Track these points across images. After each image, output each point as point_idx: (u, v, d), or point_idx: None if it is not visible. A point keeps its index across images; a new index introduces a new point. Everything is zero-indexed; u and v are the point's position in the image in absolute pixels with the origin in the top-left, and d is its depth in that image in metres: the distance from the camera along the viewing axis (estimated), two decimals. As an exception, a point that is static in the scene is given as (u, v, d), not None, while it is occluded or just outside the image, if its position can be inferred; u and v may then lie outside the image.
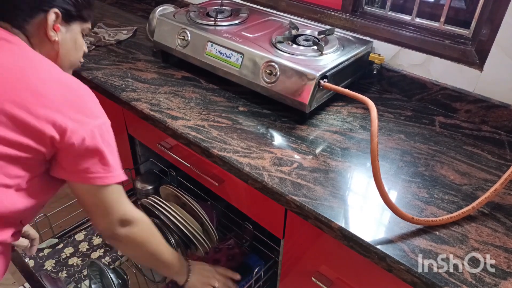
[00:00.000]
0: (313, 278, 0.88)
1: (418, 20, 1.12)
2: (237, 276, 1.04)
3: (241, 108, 1.07)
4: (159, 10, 1.34)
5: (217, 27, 1.19)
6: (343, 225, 0.72)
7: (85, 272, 1.12)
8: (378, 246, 0.69)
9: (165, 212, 1.04)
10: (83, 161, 0.71)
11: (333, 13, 1.25)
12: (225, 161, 0.88)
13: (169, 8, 1.37)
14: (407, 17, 1.14)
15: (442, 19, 1.07)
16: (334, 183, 0.82)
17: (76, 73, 1.24)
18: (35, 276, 0.87)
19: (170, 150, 1.10)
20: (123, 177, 0.76)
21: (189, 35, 1.18)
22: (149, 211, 1.10)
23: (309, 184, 0.81)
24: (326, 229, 0.75)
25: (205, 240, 1.05)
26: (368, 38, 1.17)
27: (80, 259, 1.17)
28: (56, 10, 0.76)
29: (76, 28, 0.82)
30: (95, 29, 1.49)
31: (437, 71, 1.08)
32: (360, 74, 1.17)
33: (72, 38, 0.82)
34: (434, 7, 1.15)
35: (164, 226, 1.05)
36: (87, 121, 0.71)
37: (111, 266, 1.11)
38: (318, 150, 0.92)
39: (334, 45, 1.09)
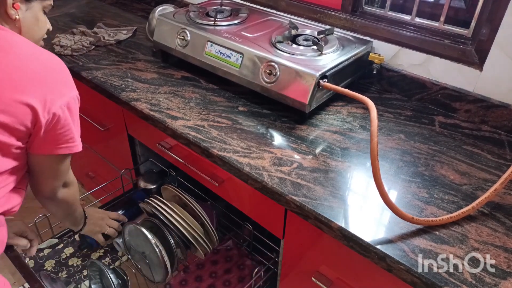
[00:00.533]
0: (313, 278, 0.88)
1: (418, 20, 1.12)
2: (124, 218, 1.16)
3: (241, 108, 1.07)
4: (159, 10, 1.34)
5: (216, 27, 1.19)
6: (343, 225, 0.72)
7: (85, 272, 1.12)
8: (378, 246, 0.69)
9: (165, 213, 1.04)
10: (53, 135, 0.76)
11: (332, 13, 1.25)
12: (225, 161, 0.88)
13: (169, 8, 1.36)
14: (407, 17, 1.14)
15: (442, 18, 1.07)
16: (334, 183, 0.82)
17: (76, 73, 1.24)
18: (35, 276, 0.87)
19: (170, 150, 1.10)
20: (81, 146, 0.84)
21: (188, 35, 1.18)
22: (150, 211, 1.10)
23: (309, 184, 0.81)
24: (326, 229, 0.75)
25: (206, 242, 1.05)
26: (368, 38, 1.17)
27: (80, 259, 1.17)
28: None
29: (37, 5, 0.82)
30: (95, 29, 1.49)
31: (437, 71, 1.08)
32: (360, 74, 1.17)
33: (34, 16, 0.82)
34: (433, 7, 1.15)
35: (164, 226, 1.05)
36: (62, 95, 0.75)
37: (111, 267, 1.10)
38: (318, 150, 0.92)
39: (333, 45, 1.09)
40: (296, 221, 0.86)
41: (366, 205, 0.78)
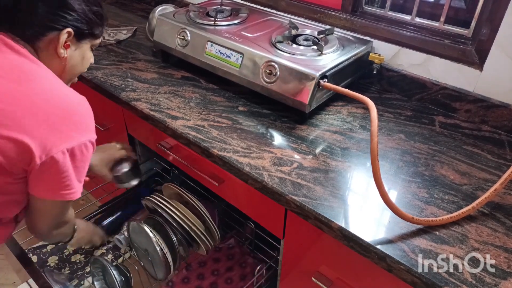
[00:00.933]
0: (313, 278, 0.88)
1: (418, 19, 1.12)
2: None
3: (241, 108, 1.07)
4: (159, 10, 1.34)
5: (216, 27, 1.19)
6: (343, 225, 0.72)
7: (88, 269, 1.13)
8: (378, 246, 0.69)
9: (168, 210, 1.05)
10: (48, 178, 0.71)
11: (333, 13, 1.25)
12: (225, 161, 0.88)
13: (169, 8, 1.36)
14: (407, 17, 1.14)
15: (442, 18, 1.07)
16: (334, 183, 0.82)
17: (76, 73, 1.24)
18: (39, 272, 0.87)
19: (170, 150, 1.10)
20: (79, 193, 0.78)
21: (188, 35, 1.18)
22: (152, 209, 1.11)
23: (309, 184, 0.81)
24: (326, 229, 0.75)
25: (208, 239, 1.06)
26: (368, 38, 1.17)
27: (83, 256, 1.18)
28: (70, 29, 0.75)
29: (86, 44, 0.82)
30: None
31: (437, 71, 1.08)
32: (360, 74, 1.16)
33: (81, 54, 0.82)
34: (434, 7, 1.15)
35: (166, 224, 1.05)
36: (68, 138, 0.70)
37: (114, 263, 1.11)
38: (318, 150, 0.92)
39: (334, 45, 1.09)
40: (296, 221, 0.86)
41: (366, 205, 0.78)
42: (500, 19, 0.94)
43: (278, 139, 0.96)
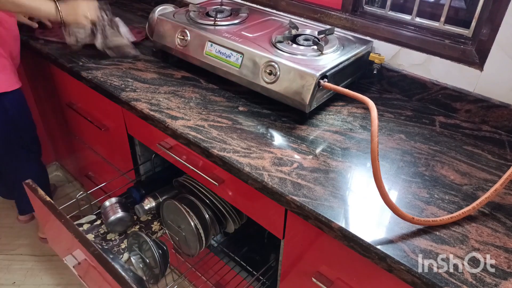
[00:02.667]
0: (313, 278, 0.88)
1: (418, 19, 1.12)
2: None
3: (241, 108, 1.07)
4: (159, 10, 1.34)
5: (216, 27, 1.19)
6: (343, 225, 0.72)
7: (122, 245, 1.20)
8: (378, 246, 0.68)
9: (199, 188, 1.12)
10: None
11: (333, 12, 1.25)
12: (225, 161, 0.88)
13: (169, 8, 1.36)
14: (407, 17, 1.14)
15: (442, 18, 1.07)
16: (334, 183, 0.82)
17: (76, 73, 1.24)
18: (89, 240, 0.90)
19: (170, 150, 1.10)
20: None
21: (188, 34, 1.17)
22: (182, 188, 1.20)
23: (309, 184, 0.81)
24: (326, 229, 0.75)
25: (236, 216, 1.12)
26: (368, 38, 1.17)
27: (117, 234, 1.24)
28: None
29: None
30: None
31: (437, 71, 1.08)
32: (360, 74, 1.16)
33: None
34: (434, 7, 1.15)
35: (199, 201, 1.14)
36: None
37: (152, 238, 1.17)
38: (318, 150, 0.92)
39: (334, 44, 1.09)
40: (296, 221, 0.85)
41: (367, 205, 0.78)
42: (500, 19, 0.93)
43: (278, 139, 0.95)
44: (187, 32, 1.18)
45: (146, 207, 1.26)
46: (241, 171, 0.86)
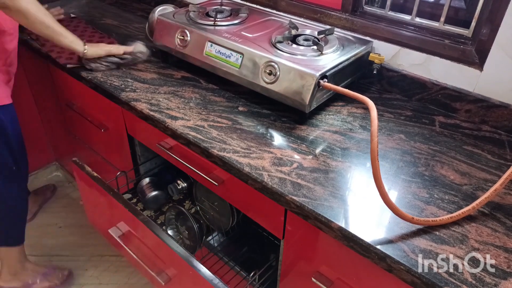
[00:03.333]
0: (313, 278, 0.88)
1: (418, 20, 1.12)
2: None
3: (241, 108, 1.07)
4: (159, 10, 1.34)
5: (216, 27, 1.19)
6: (343, 225, 0.72)
7: (158, 221, 1.32)
8: (378, 246, 0.68)
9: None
10: None
11: (333, 13, 1.25)
12: (225, 161, 0.88)
13: (169, 8, 1.36)
14: (407, 17, 1.14)
15: (442, 19, 1.07)
16: (334, 183, 0.82)
17: (76, 73, 1.24)
18: (137, 210, 0.98)
19: (169, 150, 1.10)
20: None
21: (188, 35, 1.17)
22: None
23: (309, 184, 0.81)
24: (326, 229, 0.75)
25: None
26: (368, 38, 1.17)
27: (152, 212, 1.35)
28: None
29: None
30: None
31: (437, 71, 1.08)
32: (360, 74, 1.16)
33: None
34: (434, 7, 1.15)
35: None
36: None
37: (191, 211, 1.27)
38: (318, 150, 0.92)
39: (334, 45, 1.09)
40: (296, 221, 0.85)
41: (366, 205, 0.78)
42: (500, 19, 0.93)
43: (278, 139, 0.95)
44: (187, 32, 1.18)
45: (179, 187, 1.33)
46: (241, 171, 0.86)
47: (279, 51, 1.05)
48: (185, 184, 1.35)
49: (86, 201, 1.26)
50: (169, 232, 1.29)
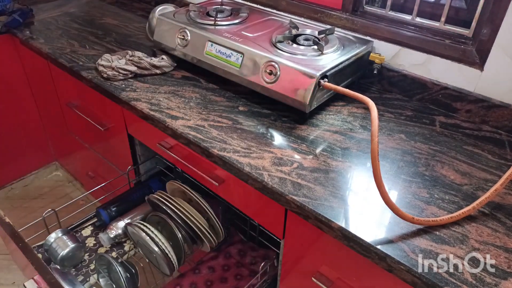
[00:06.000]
0: (313, 278, 0.88)
1: (418, 19, 1.12)
2: None
3: (241, 108, 1.07)
4: (159, 9, 1.34)
5: (217, 27, 1.19)
6: (343, 225, 0.72)
7: (92, 266, 1.13)
8: (378, 246, 0.68)
9: (172, 207, 1.06)
10: None
11: (333, 12, 1.25)
12: (225, 161, 0.88)
13: (169, 8, 1.36)
14: (407, 17, 1.14)
15: (443, 18, 1.07)
16: (334, 183, 0.82)
17: (76, 72, 1.24)
18: (47, 268, 0.86)
19: (170, 150, 1.10)
20: None
21: (189, 34, 1.17)
22: (156, 206, 1.12)
23: (309, 184, 0.81)
24: (326, 229, 0.75)
25: (211, 235, 1.07)
26: (368, 38, 1.17)
27: (87, 254, 1.18)
28: None
29: None
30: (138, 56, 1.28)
31: (437, 71, 1.08)
32: (361, 74, 1.16)
33: None
34: (434, 7, 1.15)
35: (171, 221, 1.07)
36: None
37: (119, 260, 1.12)
38: (318, 150, 0.92)
39: (334, 44, 1.09)
40: (296, 221, 0.85)
41: (367, 205, 0.78)
42: (500, 19, 0.93)
43: (278, 139, 0.95)
44: (187, 32, 1.18)
45: (112, 235, 1.16)
46: (241, 171, 0.86)
47: (279, 51, 1.05)
48: (120, 231, 1.16)
49: (6, 244, 1.07)
50: (101, 281, 1.12)
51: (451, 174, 0.86)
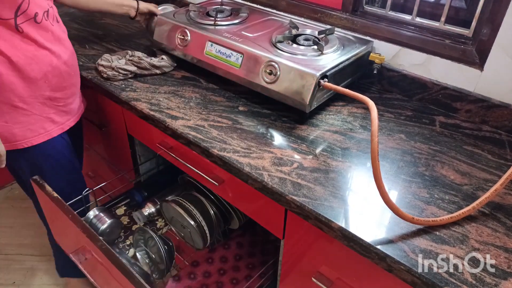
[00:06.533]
0: (313, 278, 0.88)
1: (418, 19, 1.12)
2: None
3: (241, 108, 1.07)
4: (159, 9, 1.34)
5: (217, 27, 1.19)
6: (343, 225, 0.72)
7: (128, 242, 1.21)
8: (378, 246, 0.68)
9: (202, 188, 1.16)
10: None
11: (333, 12, 1.25)
12: (225, 161, 0.88)
13: (169, 8, 1.36)
14: (407, 17, 1.14)
15: (443, 18, 1.07)
16: (334, 183, 0.82)
17: (76, 73, 1.23)
18: (97, 235, 0.90)
19: (170, 150, 1.10)
20: None
21: (189, 34, 1.17)
22: (188, 186, 1.22)
23: (309, 184, 0.81)
24: (326, 229, 0.75)
25: (241, 212, 1.14)
26: (368, 38, 1.17)
27: (122, 231, 1.24)
28: None
29: None
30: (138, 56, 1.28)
31: (437, 71, 1.08)
32: (361, 74, 1.16)
33: None
34: (434, 7, 1.15)
35: (204, 198, 1.17)
36: None
37: (158, 233, 1.18)
38: (318, 150, 0.92)
39: (334, 44, 1.09)
40: (296, 221, 0.85)
41: (367, 205, 0.78)
42: (500, 19, 0.93)
43: (278, 139, 0.95)
44: (187, 32, 1.18)
45: (146, 213, 1.24)
46: (241, 171, 0.86)
47: (279, 51, 1.05)
48: (153, 210, 1.26)
49: (49, 220, 1.16)
50: (138, 255, 1.19)
51: (451, 174, 0.86)
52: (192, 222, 1.13)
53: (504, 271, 0.65)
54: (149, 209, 1.26)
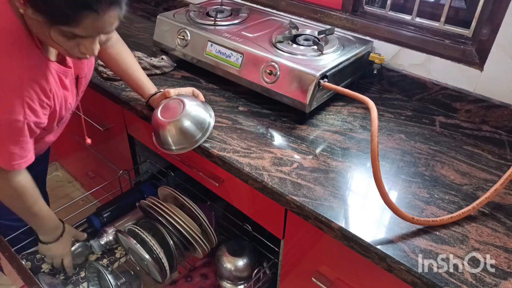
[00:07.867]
0: (313, 279, 0.88)
1: (418, 19, 1.12)
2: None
3: (241, 108, 1.07)
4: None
5: (217, 27, 1.19)
6: (343, 225, 0.72)
7: (82, 274, 1.11)
8: (378, 246, 0.68)
9: (163, 213, 1.04)
10: None
11: (333, 12, 1.25)
12: (225, 161, 0.88)
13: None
14: (407, 17, 1.14)
15: (443, 19, 1.07)
16: (334, 183, 0.82)
17: (76, 73, 1.23)
18: (33, 278, 0.86)
19: (170, 150, 1.09)
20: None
21: (189, 34, 1.17)
22: (148, 212, 1.10)
23: (309, 184, 0.81)
24: (326, 229, 0.75)
25: (204, 242, 1.05)
26: (368, 38, 1.17)
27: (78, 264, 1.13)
28: None
29: (45, 23, 0.67)
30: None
31: (437, 71, 1.08)
32: (360, 74, 1.16)
33: (41, 29, 0.68)
34: (434, 7, 1.15)
35: (163, 227, 1.05)
36: None
37: (109, 268, 1.10)
38: (318, 150, 0.92)
39: (334, 45, 1.09)
40: (296, 221, 0.85)
41: (367, 205, 0.78)
42: (500, 19, 0.93)
43: (278, 139, 0.95)
44: (187, 32, 1.18)
45: (103, 242, 1.13)
46: (241, 171, 0.86)
47: (279, 51, 1.05)
48: (111, 238, 1.14)
49: None
50: None
51: (451, 174, 0.86)
52: (147, 257, 1.01)
53: (504, 271, 0.65)
54: (106, 237, 1.14)
